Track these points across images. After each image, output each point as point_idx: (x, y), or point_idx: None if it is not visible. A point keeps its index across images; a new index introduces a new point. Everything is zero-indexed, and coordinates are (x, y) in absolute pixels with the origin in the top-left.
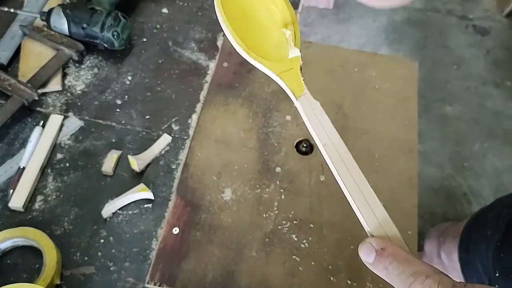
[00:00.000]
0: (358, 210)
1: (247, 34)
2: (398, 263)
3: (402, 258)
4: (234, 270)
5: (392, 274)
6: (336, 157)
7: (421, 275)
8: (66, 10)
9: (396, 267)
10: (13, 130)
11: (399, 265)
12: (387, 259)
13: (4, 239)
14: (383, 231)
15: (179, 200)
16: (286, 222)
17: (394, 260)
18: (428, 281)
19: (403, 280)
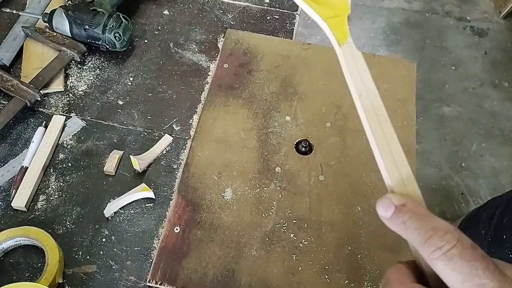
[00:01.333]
0: (383, 163)
1: None
2: (417, 218)
3: (422, 214)
4: (235, 269)
5: (410, 228)
6: (370, 109)
7: (440, 230)
8: (68, 11)
9: (415, 221)
10: (15, 130)
11: (418, 219)
12: (406, 214)
13: (7, 238)
14: (405, 189)
15: (180, 200)
16: (285, 221)
17: (414, 215)
18: (447, 236)
19: (421, 234)
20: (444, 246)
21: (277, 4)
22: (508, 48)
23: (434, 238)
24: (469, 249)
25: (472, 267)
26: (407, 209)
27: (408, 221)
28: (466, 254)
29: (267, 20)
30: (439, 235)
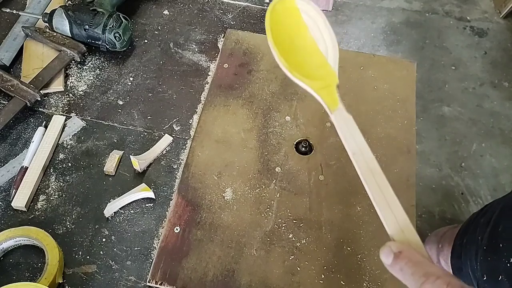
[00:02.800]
0: (382, 214)
1: (292, 55)
2: (412, 264)
3: (416, 260)
4: (235, 269)
5: (406, 274)
6: (364, 166)
7: (432, 275)
8: (68, 11)
9: (410, 267)
10: (15, 130)
11: (412, 266)
12: (402, 260)
13: (7, 238)
14: (404, 236)
15: (180, 200)
16: (285, 221)
17: (409, 261)
18: (438, 281)
19: (415, 279)
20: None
21: None
22: (508, 48)
23: (426, 284)
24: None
25: None
26: (403, 256)
27: (404, 267)
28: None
29: None
30: (431, 280)
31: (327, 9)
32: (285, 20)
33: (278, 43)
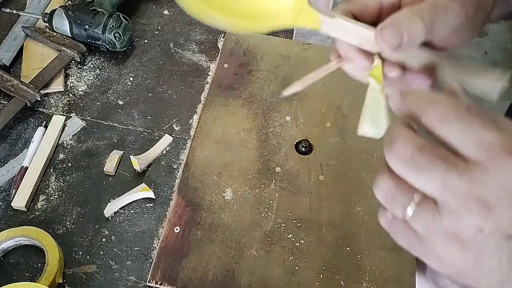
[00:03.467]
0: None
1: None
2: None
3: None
4: (235, 269)
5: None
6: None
7: (436, 97)
8: (68, 11)
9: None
10: (15, 130)
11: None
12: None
13: (7, 238)
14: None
15: (180, 200)
16: (285, 221)
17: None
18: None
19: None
20: (438, 111)
21: None
22: (508, 48)
23: (433, 105)
24: (464, 108)
25: (469, 124)
26: (411, 93)
27: (410, 103)
28: (462, 114)
29: None
30: (437, 104)
31: None
32: None
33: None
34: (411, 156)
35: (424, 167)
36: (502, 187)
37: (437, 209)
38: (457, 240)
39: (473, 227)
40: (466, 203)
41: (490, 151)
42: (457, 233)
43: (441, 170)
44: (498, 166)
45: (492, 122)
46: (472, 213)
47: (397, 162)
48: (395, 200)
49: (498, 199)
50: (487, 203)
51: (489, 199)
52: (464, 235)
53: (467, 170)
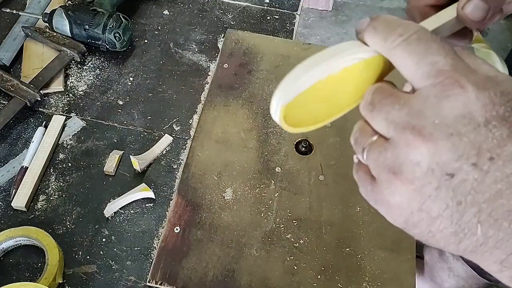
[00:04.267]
0: None
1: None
2: (386, 21)
3: (391, 19)
4: (235, 269)
5: (378, 32)
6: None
7: (404, 23)
8: (68, 11)
9: (384, 23)
10: (15, 130)
11: (386, 22)
12: (377, 21)
13: (7, 238)
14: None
15: (180, 200)
16: (285, 221)
17: (384, 20)
18: (410, 26)
19: (385, 31)
20: (404, 34)
21: (277, 4)
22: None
23: (398, 29)
24: (428, 34)
25: (427, 46)
26: (379, 18)
27: (378, 26)
28: (424, 37)
29: (267, 20)
30: (403, 27)
31: (327, 9)
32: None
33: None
34: (371, 98)
35: (375, 104)
36: (439, 115)
37: (384, 145)
38: (397, 177)
39: (410, 160)
40: (402, 134)
41: (437, 76)
42: (397, 169)
43: (386, 105)
44: (440, 92)
45: (452, 49)
46: (408, 144)
47: (362, 107)
48: (357, 142)
49: (434, 128)
50: (422, 133)
51: (424, 128)
52: (403, 170)
53: (409, 101)
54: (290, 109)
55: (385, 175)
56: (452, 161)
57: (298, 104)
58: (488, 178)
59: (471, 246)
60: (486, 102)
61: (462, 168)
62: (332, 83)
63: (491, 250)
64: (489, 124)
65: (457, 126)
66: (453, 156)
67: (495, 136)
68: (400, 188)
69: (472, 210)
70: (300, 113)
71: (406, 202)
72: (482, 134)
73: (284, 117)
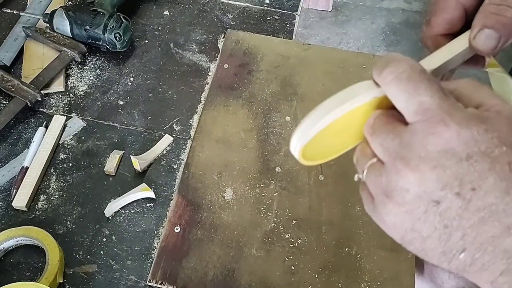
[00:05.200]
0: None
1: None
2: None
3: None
4: (235, 268)
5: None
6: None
7: (396, 59)
8: (69, 12)
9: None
10: (16, 130)
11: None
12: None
13: (8, 238)
14: None
15: (181, 199)
16: (285, 221)
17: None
18: (401, 63)
19: (378, 66)
20: (396, 71)
21: (277, 5)
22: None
23: (390, 66)
24: (417, 73)
25: (415, 87)
26: (384, 55)
27: (378, 62)
28: (414, 77)
29: (267, 20)
30: (395, 63)
31: (327, 10)
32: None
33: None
34: (372, 122)
35: (374, 130)
36: (424, 149)
37: (380, 169)
38: (389, 200)
39: (400, 187)
40: (394, 162)
41: (424, 114)
42: (389, 193)
43: (383, 132)
44: (426, 129)
45: (439, 89)
46: (398, 172)
47: (364, 129)
48: (358, 163)
49: (419, 160)
50: (409, 164)
51: (412, 160)
52: (394, 195)
53: (401, 133)
54: (308, 147)
55: (381, 197)
56: (437, 190)
57: (314, 142)
58: (471, 206)
59: (461, 266)
60: (467, 140)
61: (446, 196)
62: (347, 120)
63: (480, 271)
64: (470, 159)
65: (440, 160)
66: (438, 186)
67: (476, 170)
68: (393, 209)
69: (458, 234)
70: (316, 148)
71: (399, 222)
72: (464, 168)
73: (302, 154)
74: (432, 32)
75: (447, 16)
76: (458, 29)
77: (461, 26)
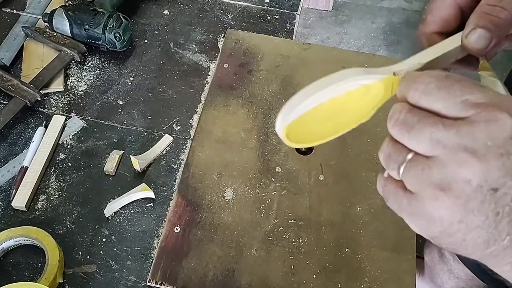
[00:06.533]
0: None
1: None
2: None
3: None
4: (235, 269)
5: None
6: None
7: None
8: (68, 11)
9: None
10: (16, 130)
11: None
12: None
13: (7, 238)
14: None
15: (180, 200)
16: (285, 221)
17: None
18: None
19: (402, 87)
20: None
21: (277, 4)
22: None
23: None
24: (443, 78)
25: (449, 92)
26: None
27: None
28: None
29: (267, 20)
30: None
31: (327, 9)
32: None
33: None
34: (403, 118)
35: (413, 125)
36: (490, 138)
37: (428, 163)
38: (445, 193)
39: (462, 178)
40: (455, 154)
41: (477, 107)
42: (445, 186)
43: (427, 126)
44: (486, 118)
45: (471, 84)
46: (461, 164)
47: (394, 127)
48: (391, 159)
49: (487, 149)
50: (476, 154)
51: (478, 150)
52: (453, 187)
53: (454, 124)
54: (293, 128)
55: (431, 190)
56: (500, 177)
57: (300, 124)
58: None
59: (497, 251)
60: None
61: (506, 183)
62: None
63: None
64: None
65: (506, 147)
66: (501, 173)
67: None
68: (446, 203)
69: (507, 219)
70: (303, 131)
71: (448, 215)
72: None
73: (287, 135)
74: (427, 29)
75: (442, 14)
76: (453, 28)
77: (457, 25)
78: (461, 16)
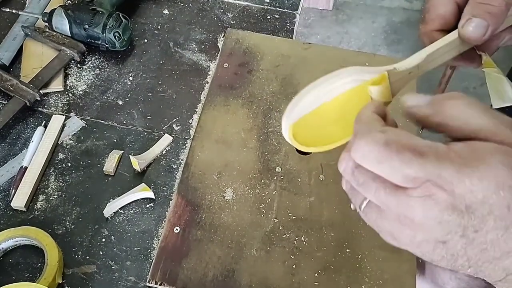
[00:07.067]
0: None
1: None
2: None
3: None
4: (235, 269)
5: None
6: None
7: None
8: (68, 11)
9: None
10: (15, 130)
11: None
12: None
13: (6, 238)
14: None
15: (180, 200)
16: (286, 221)
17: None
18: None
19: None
20: (359, 155)
21: (277, 4)
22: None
23: (352, 150)
24: (382, 148)
25: (389, 164)
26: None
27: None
28: (380, 156)
29: (267, 19)
30: (357, 148)
31: (328, 9)
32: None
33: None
34: (351, 171)
35: (360, 182)
36: (426, 210)
37: (379, 211)
38: (394, 240)
39: (408, 236)
40: (397, 218)
41: (415, 182)
42: (396, 236)
43: (372, 189)
44: (422, 194)
45: (411, 153)
46: (401, 230)
47: (344, 173)
48: (351, 195)
49: (425, 219)
50: (413, 224)
51: (415, 219)
52: (401, 239)
53: (396, 193)
54: (300, 128)
55: (386, 232)
56: (443, 235)
57: (307, 125)
58: (475, 242)
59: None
60: (463, 193)
61: (453, 238)
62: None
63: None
64: (469, 209)
65: (441, 217)
66: (443, 233)
67: (477, 216)
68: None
69: (464, 258)
70: (311, 133)
71: (411, 246)
72: (465, 218)
73: (293, 135)
74: (427, 28)
75: (440, 12)
76: (452, 24)
77: (456, 21)
78: (458, 11)
